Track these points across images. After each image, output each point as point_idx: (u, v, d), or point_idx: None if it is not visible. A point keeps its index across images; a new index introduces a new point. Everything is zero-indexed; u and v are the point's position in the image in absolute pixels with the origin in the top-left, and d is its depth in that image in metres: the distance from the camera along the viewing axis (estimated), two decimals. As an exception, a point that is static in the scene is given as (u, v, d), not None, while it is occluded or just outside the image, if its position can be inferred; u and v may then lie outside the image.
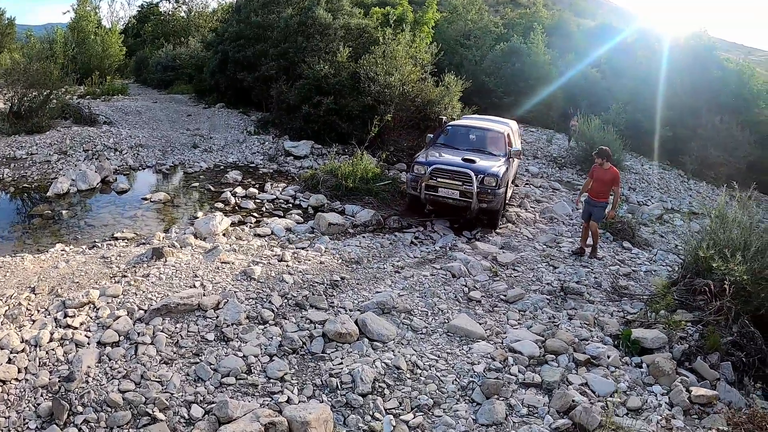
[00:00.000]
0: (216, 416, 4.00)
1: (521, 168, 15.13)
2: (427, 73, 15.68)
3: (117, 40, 30.76)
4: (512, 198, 12.22)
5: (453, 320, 6.00)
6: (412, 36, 16.43)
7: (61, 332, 4.90)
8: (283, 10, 19.62)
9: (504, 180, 9.73)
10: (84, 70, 25.07)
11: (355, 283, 6.71)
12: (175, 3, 41.90)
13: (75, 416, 3.95)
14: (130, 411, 4.02)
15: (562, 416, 4.50)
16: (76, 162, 12.38)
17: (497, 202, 9.58)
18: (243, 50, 19.85)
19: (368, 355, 5.08)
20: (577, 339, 5.83)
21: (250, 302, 5.76)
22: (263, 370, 4.70)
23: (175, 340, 4.96)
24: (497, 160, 10.39)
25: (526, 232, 10.10)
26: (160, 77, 29.62)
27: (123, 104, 20.42)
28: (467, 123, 12.57)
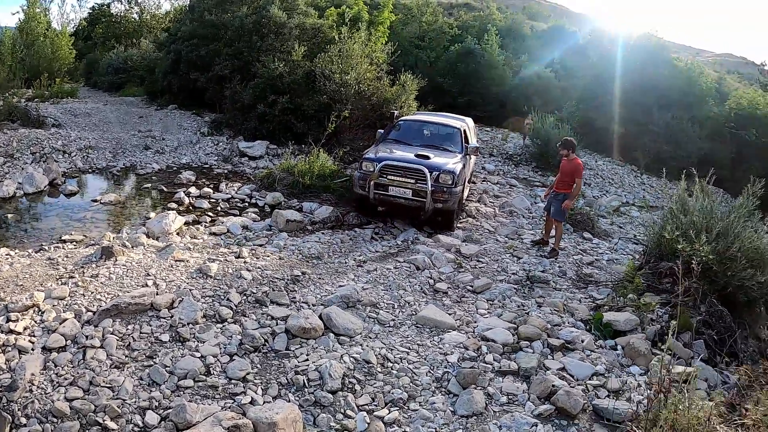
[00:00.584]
0: (173, 422, 3.71)
1: (478, 166, 15.14)
2: (383, 71, 15.58)
3: (67, 42, 29.73)
4: (470, 196, 11.93)
5: (421, 311, 5.83)
6: (367, 35, 16.31)
7: (3, 338, 4.50)
8: (237, 9, 19.21)
9: (461, 177, 9.16)
10: (32, 72, 24.16)
11: (317, 277, 6.47)
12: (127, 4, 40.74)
13: (18, 429, 3.61)
14: (78, 421, 3.69)
15: (543, 402, 4.38)
16: (23, 165, 11.77)
17: (453, 202, 8.94)
18: (196, 50, 19.34)
19: (335, 351, 4.85)
20: (550, 325, 5.75)
21: (206, 300, 5.44)
22: (223, 371, 4.42)
23: (126, 342, 4.62)
24: (453, 156, 9.77)
25: (487, 225, 10.03)
26: (110, 80, 28.71)
27: (72, 106, 19.63)
28: (421, 118, 11.92)
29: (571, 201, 8.60)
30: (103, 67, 30.40)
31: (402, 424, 4.08)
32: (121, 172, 12.46)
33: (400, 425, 4.07)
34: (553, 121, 17.03)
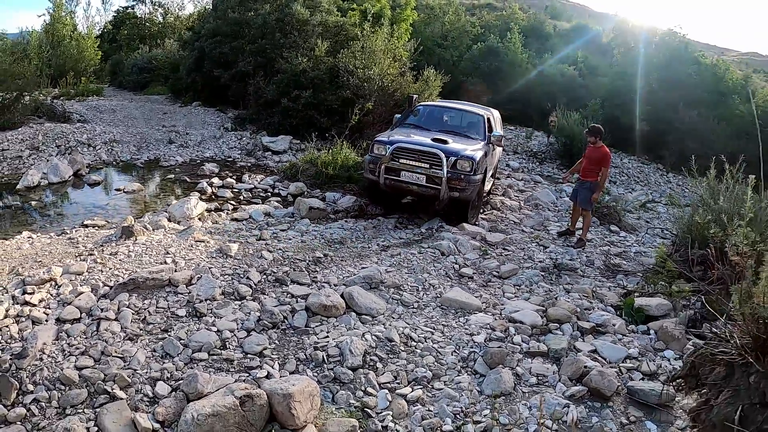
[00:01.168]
0: (184, 392, 3.55)
1: (502, 162, 14.89)
2: (407, 67, 15.47)
3: (92, 44, 30.33)
4: (494, 190, 11.56)
5: (446, 293, 5.63)
6: (390, 31, 16.23)
7: (18, 309, 4.43)
8: (260, 7, 19.25)
9: (481, 165, 8.39)
10: (59, 72, 24.61)
11: (339, 260, 6.31)
12: (151, 6, 41.36)
13: (24, 396, 3.49)
14: (86, 389, 3.56)
15: (575, 383, 4.14)
16: (48, 157, 11.86)
17: (471, 191, 8.16)
18: (220, 47, 19.45)
19: (356, 329, 4.68)
20: (579, 309, 5.52)
21: (225, 278, 5.32)
22: (240, 346, 4.26)
23: (142, 316, 4.51)
24: (475, 143, 9.04)
25: (512, 217, 9.79)
26: (135, 79, 29.08)
27: (98, 104, 19.90)
28: (442, 103, 11.31)
29: (598, 192, 8.32)
30: (128, 67, 30.83)
31: (426, 403, 3.88)
32: (145, 165, 12.47)
33: (424, 404, 3.87)
34: (577, 119, 16.75)
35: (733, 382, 2.79)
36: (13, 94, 15.04)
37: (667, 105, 20.86)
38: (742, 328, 2.85)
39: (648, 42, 23.55)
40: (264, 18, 18.12)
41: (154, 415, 3.40)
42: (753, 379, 2.68)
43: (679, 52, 21.93)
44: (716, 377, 2.90)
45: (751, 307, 2.73)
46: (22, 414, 3.35)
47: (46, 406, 3.45)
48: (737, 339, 2.83)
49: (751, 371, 2.70)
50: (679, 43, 22.45)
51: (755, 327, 2.73)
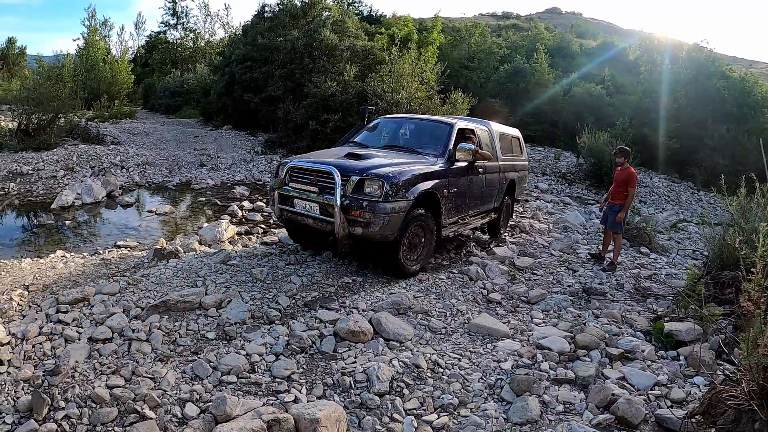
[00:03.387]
0: (212, 414, 3.57)
1: (531, 184, 14.79)
2: (434, 91, 15.59)
3: (125, 67, 31.23)
4: (506, 218, 9.95)
5: (474, 319, 5.60)
6: (417, 54, 16.40)
7: (51, 327, 4.56)
8: (289, 33, 19.68)
9: (402, 189, 6.03)
10: (93, 94, 25.35)
11: (368, 285, 6.31)
12: (182, 32, 42.50)
13: (56, 411, 3.55)
14: (116, 408, 3.61)
15: (602, 411, 4.06)
16: (83, 178, 12.20)
17: (382, 226, 5.86)
18: (250, 72, 19.89)
19: (384, 354, 4.67)
20: (608, 335, 5.43)
21: (255, 302, 5.37)
22: (268, 369, 4.29)
23: (172, 338, 4.58)
24: (420, 160, 6.92)
25: (541, 240, 9.71)
26: (167, 102, 29.84)
27: (131, 126, 20.42)
28: (404, 116, 9.25)
29: (624, 212, 8.23)
30: (160, 91, 31.69)
31: (451, 430, 3.83)
32: (177, 187, 12.73)
33: (450, 431, 3.83)
34: (606, 138, 16.63)
35: (740, 427, 2.73)
36: (49, 115, 15.55)
37: (696, 121, 20.62)
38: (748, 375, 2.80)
39: (674, 57, 23.37)
40: (293, 43, 18.52)
41: None
42: (756, 426, 2.63)
43: (706, 67, 21.71)
44: (726, 420, 2.85)
45: (757, 356, 2.69)
46: (53, 429, 3.40)
47: (76, 422, 3.50)
48: (745, 385, 2.78)
49: (756, 418, 2.64)
50: (706, 58, 22.22)
51: (761, 376, 2.68)
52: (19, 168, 12.56)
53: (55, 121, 15.73)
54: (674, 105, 20.63)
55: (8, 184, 11.60)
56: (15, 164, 12.80)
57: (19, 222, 9.58)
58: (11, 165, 12.72)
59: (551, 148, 20.99)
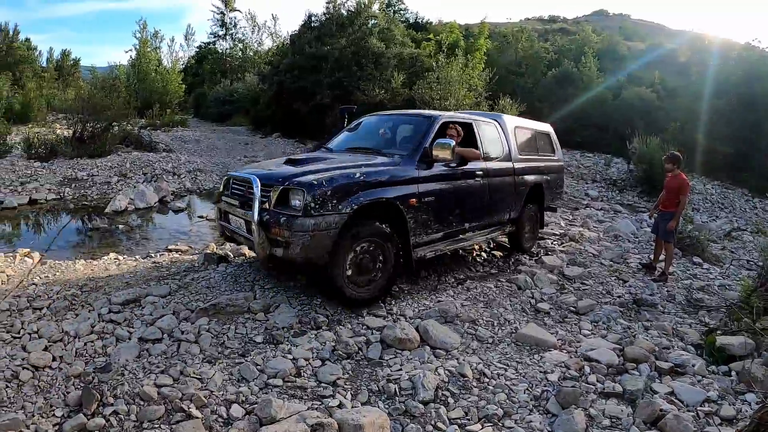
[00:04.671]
0: (258, 416, 3.59)
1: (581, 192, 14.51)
2: (482, 97, 15.47)
3: (176, 77, 32.15)
4: (533, 230, 8.81)
5: (522, 329, 5.49)
6: (465, 60, 16.32)
7: (103, 326, 4.71)
8: (336, 41, 19.89)
9: (330, 200, 4.91)
10: (145, 103, 26.19)
11: (415, 292, 6.29)
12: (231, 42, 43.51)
13: (104, 407, 3.65)
14: (164, 406, 3.68)
15: (649, 427, 3.91)
16: (136, 184, 12.59)
17: (302, 246, 4.82)
18: (298, 80, 20.21)
19: (430, 363, 4.62)
20: (658, 348, 5.25)
21: (302, 307, 5.41)
22: (314, 374, 4.29)
23: (221, 340, 4.65)
24: (375, 162, 5.74)
25: (591, 249, 9.47)
26: (217, 111, 30.58)
27: (182, 134, 20.97)
28: (389, 113, 8.04)
29: (675, 220, 7.97)
30: (210, 100, 32.52)
31: (496, 441, 3.76)
32: (227, 193, 12.96)
33: (494, 442, 3.75)
34: (657, 144, 16.16)
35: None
36: (103, 124, 16.12)
37: (750, 125, 19.78)
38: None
39: (724, 58, 22.56)
40: (340, 52, 18.74)
41: None
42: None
43: (758, 68, 20.81)
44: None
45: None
46: (101, 424, 3.48)
47: (124, 419, 3.57)
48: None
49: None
50: (758, 58, 21.33)
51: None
52: (75, 174, 13.07)
53: (109, 129, 16.31)
54: (727, 108, 19.90)
55: (64, 189, 12.08)
56: (70, 170, 13.33)
57: (74, 225, 9.94)
58: (67, 171, 13.26)
59: (601, 155, 20.56)
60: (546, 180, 8.83)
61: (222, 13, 43.79)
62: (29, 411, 3.59)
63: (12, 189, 11.78)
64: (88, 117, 15.86)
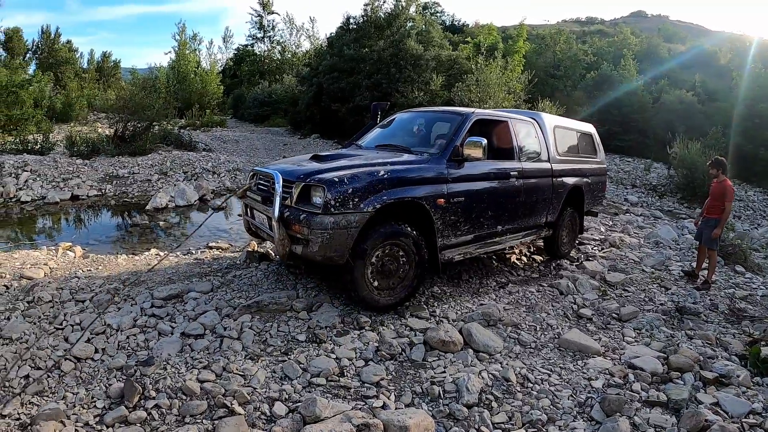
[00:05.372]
0: (302, 414, 3.58)
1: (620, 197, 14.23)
2: (521, 100, 15.33)
3: (215, 79, 32.67)
4: (571, 235, 8.46)
5: (565, 335, 5.38)
6: (504, 63, 16.19)
7: (145, 320, 4.76)
8: (374, 43, 19.93)
9: (352, 198, 4.74)
10: (185, 104, 26.65)
11: (458, 295, 6.23)
12: (269, 44, 43.96)
13: (146, 400, 3.68)
14: (206, 401, 3.69)
15: (693, 438, 3.79)
16: (176, 182, 12.79)
17: (321, 245, 4.67)
18: (337, 82, 20.30)
19: (473, 366, 4.56)
20: (702, 357, 5.10)
21: (345, 307, 5.40)
22: (357, 374, 4.27)
23: (263, 337, 4.66)
24: (403, 160, 5.45)
25: (632, 255, 9.26)
26: (256, 112, 30.93)
27: (221, 134, 21.25)
28: (419, 109, 7.50)
29: (720, 227, 7.74)
30: (249, 101, 32.89)
31: (540, 447, 3.68)
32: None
33: (538, 448, 3.68)
34: (698, 149, 15.75)
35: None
36: (144, 123, 16.44)
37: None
38: None
39: (766, 59, 21.83)
40: (379, 54, 18.76)
41: None
42: None
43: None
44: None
45: None
46: (142, 417, 3.51)
47: (166, 412, 3.59)
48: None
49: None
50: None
51: None
52: (116, 171, 13.35)
53: (149, 129, 16.64)
54: (768, 111, 19.24)
55: (105, 185, 12.36)
56: (112, 168, 13.64)
57: (115, 221, 10.15)
58: (108, 168, 13.56)
59: (641, 159, 20.18)
60: (586, 183, 8.47)
61: (260, 16, 44.33)
62: (70, 401, 3.64)
63: (54, 185, 12.09)
64: (130, 116, 16.20)
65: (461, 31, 35.84)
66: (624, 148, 20.72)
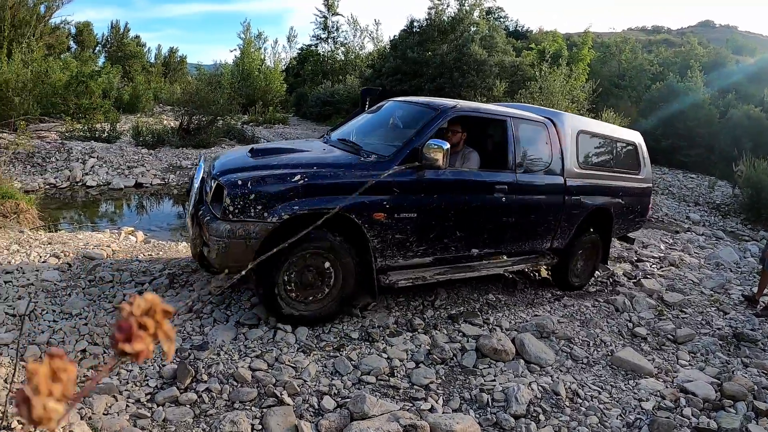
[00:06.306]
0: (350, 410, 3.63)
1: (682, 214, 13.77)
2: (585, 109, 15.07)
3: (278, 77, 33.31)
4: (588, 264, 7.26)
5: (618, 353, 5.28)
6: (568, 71, 15.94)
7: (201, 306, 4.91)
8: (438, 47, 19.93)
9: (264, 204, 4.18)
10: (248, 100, 27.28)
11: (512, 304, 6.23)
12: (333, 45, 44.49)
13: (198, 383, 3.81)
14: (256, 389, 3.79)
15: (741, 469, 3.68)
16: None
17: (217, 253, 4.19)
18: (400, 84, 20.43)
19: (524, 377, 4.54)
20: (756, 387, 4.93)
21: (400, 308, 5.48)
22: (407, 376, 4.31)
23: (316, 332, 4.76)
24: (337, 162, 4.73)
25: (692, 276, 8.98)
26: (318, 111, 31.33)
27: (283, 131, 21.66)
28: (408, 98, 6.29)
29: None
30: (311, 100, 33.36)
31: (586, 465, 3.64)
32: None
33: (582, 465, 3.63)
34: (765, 167, 15.07)
35: None
36: (209, 117, 16.93)
37: None
38: None
39: None
40: (442, 57, 18.76)
41: (317, 426, 3.50)
42: None
43: None
44: None
45: None
46: (192, 399, 3.62)
47: (216, 397, 3.70)
48: None
49: None
50: None
51: None
52: (179, 162, 13.81)
53: (213, 123, 17.14)
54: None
55: (168, 175, 12.79)
56: (175, 158, 14.12)
57: (176, 209, 10.50)
58: (172, 159, 14.05)
59: (705, 176, 19.45)
60: (617, 204, 7.04)
61: (324, 17, 44.88)
62: (124, 378, 3.79)
63: (119, 172, 12.58)
64: (195, 110, 16.72)
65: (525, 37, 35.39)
66: (688, 164, 20.03)
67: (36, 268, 5.55)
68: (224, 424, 3.33)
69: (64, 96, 17.94)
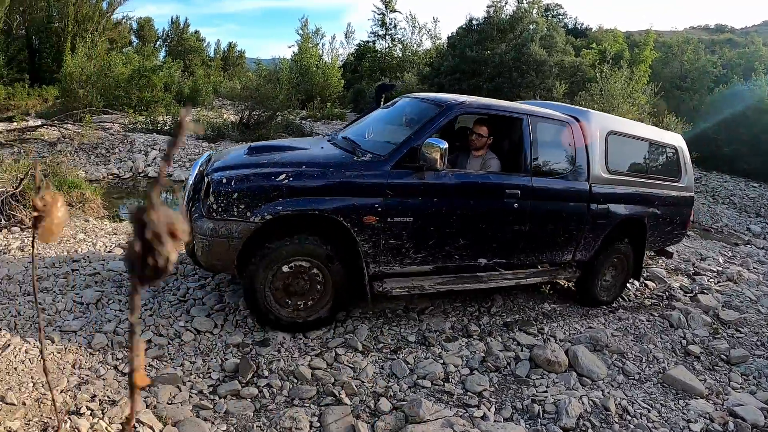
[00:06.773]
0: (405, 413, 3.79)
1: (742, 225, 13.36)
2: (645, 113, 14.77)
3: (336, 73, 33.70)
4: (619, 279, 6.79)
5: (670, 370, 5.29)
6: (630, 73, 15.63)
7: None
8: (497, 46, 19.82)
9: (247, 204, 4.10)
10: (306, 96, 27.73)
11: (567, 314, 6.27)
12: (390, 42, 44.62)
13: (259, 378, 4.00)
14: (315, 387, 3.98)
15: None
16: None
17: (202, 251, 4.21)
18: (458, 83, 20.41)
19: (575, 389, 4.61)
20: (806, 416, 4.86)
21: (457, 314, 5.62)
22: (461, 382, 4.45)
23: (375, 334, 4.95)
24: (312, 159, 4.54)
25: (749, 293, 8.75)
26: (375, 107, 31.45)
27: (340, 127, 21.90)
28: (420, 94, 5.91)
29: None
30: (369, 96, 33.57)
31: (629, 483, 3.72)
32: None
33: (627, 483, 3.72)
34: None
35: None
36: (268, 112, 17.37)
37: None
38: None
39: None
40: (501, 57, 18.63)
41: (373, 427, 3.65)
42: None
43: None
44: None
45: None
46: (253, 393, 3.81)
47: (276, 392, 3.89)
48: None
49: None
50: None
51: None
52: (240, 155, 14.28)
53: (273, 118, 17.59)
54: None
55: (228, 168, 13.26)
56: (235, 151, 14.58)
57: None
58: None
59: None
60: (653, 214, 6.53)
61: (382, 14, 45.04)
62: (187, 369, 3.99)
63: (180, 164, 13.05)
64: (255, 105, 17.18)
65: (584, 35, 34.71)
66: (751, 172, 19.34)
67: (102, 257, 5.86)
68: (284, 419, 3.53)
69: (126, 89, 18.72)
